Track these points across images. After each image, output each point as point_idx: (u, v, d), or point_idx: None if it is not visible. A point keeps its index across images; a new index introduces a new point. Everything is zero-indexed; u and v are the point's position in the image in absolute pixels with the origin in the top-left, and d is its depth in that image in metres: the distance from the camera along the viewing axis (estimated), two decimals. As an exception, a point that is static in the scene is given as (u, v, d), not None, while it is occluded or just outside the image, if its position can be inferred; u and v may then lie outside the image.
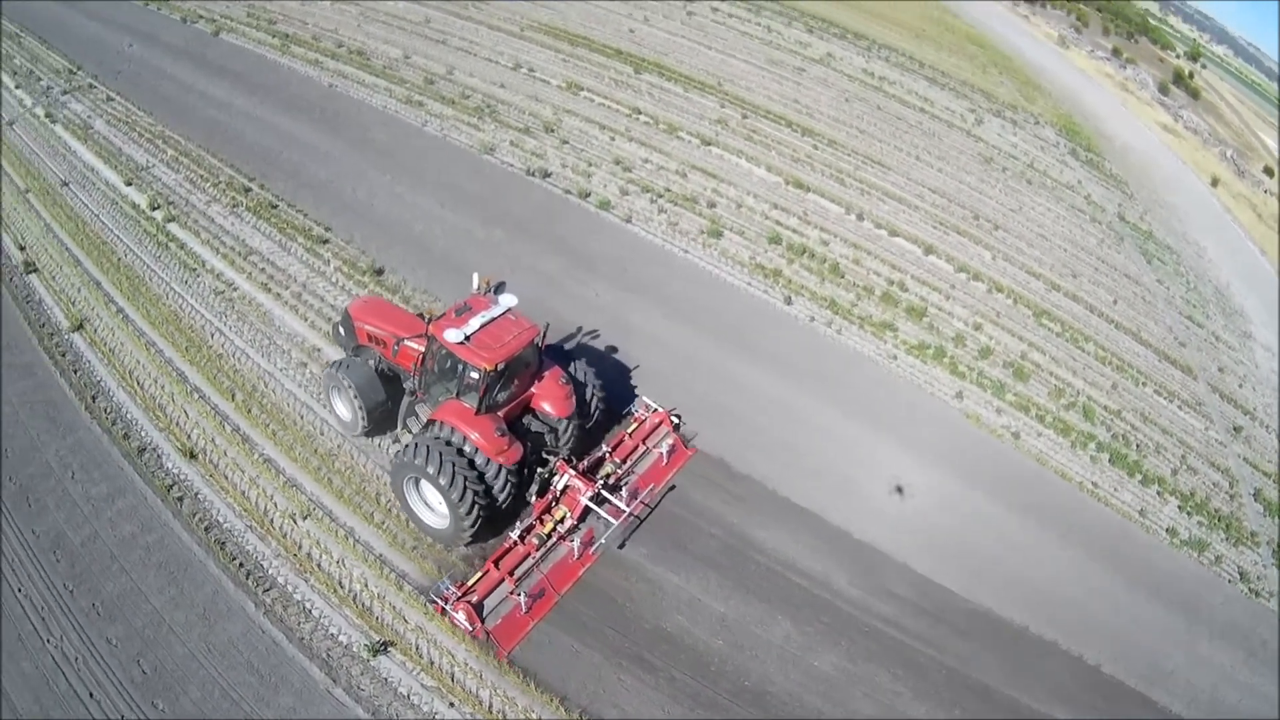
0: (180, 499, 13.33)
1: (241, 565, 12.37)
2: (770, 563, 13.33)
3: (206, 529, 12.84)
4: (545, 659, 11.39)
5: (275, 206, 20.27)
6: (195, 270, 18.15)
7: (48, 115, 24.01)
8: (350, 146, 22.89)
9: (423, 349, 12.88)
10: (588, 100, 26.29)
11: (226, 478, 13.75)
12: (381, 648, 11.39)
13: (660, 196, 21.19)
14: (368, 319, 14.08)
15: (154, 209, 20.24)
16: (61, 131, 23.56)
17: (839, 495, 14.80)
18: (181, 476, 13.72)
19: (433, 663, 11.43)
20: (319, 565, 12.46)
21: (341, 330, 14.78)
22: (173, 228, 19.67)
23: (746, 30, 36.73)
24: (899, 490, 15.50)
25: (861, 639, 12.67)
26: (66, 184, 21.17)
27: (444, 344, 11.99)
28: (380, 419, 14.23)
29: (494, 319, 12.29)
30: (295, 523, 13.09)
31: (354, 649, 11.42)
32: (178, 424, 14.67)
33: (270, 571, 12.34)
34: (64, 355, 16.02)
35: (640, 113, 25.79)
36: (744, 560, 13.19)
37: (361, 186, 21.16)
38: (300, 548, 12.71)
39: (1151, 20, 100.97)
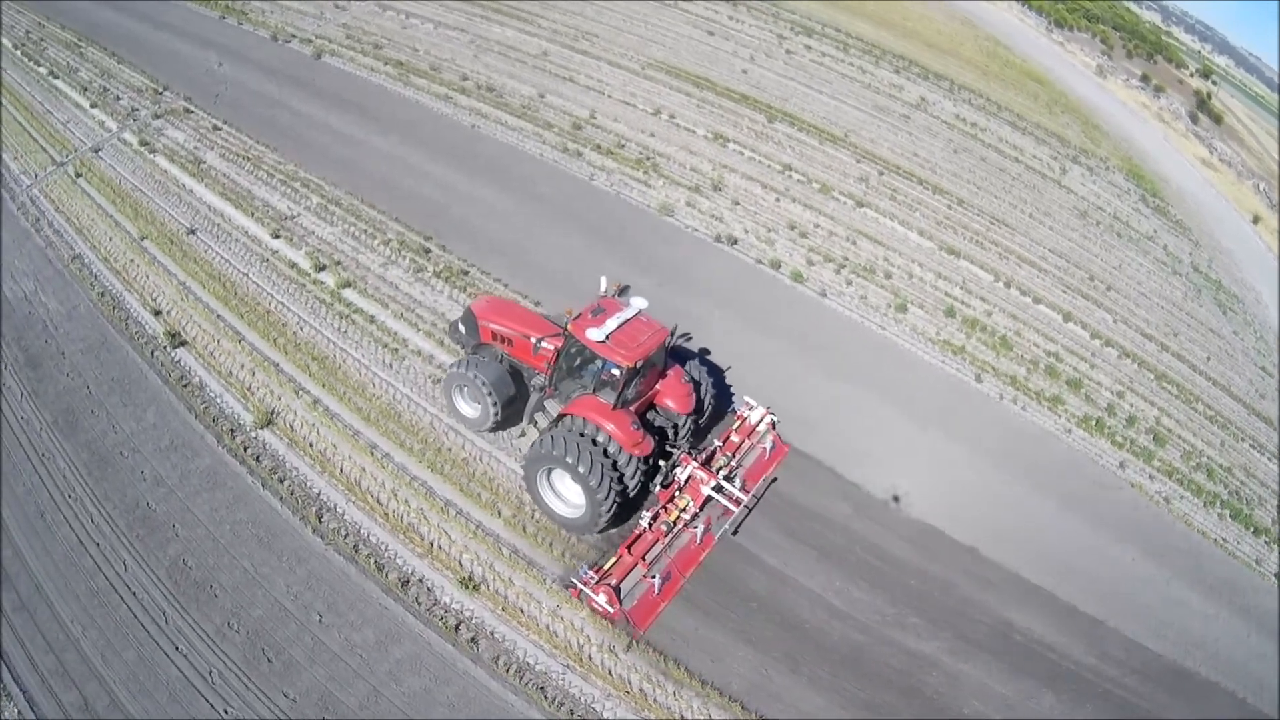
0: (474, 640, 11.83)
1: (572, 711, 11.27)
2: (1026, 641, 14.78)
3: (517, 673, 11.51)
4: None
5: (466, 273, 19.17)
6: (397, 351, 16.50)
7: (143, 143, 22.23)
8: (520, 201, 22.48)
9: (557, 348, 13.54)
10: (737, 153, 27.21)
11: (522, 611, 12.29)
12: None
13: (843, 267, 22.26)
14: (493, 318, 14.53)
15: (320, 270, 18.33)
16: (166, 164, 21.56)
17: (1063, 573, 16.35)
18: (466, 613, 12.14)
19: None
20: (655, 700, 11.64)
21: (462, 328, 14.97)
22: (350, 295, 17.86)
23: (843, 71, 37.79)
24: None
25: (1099, 700, 14.17)
26: (193, 231, 19.19)
27: (586, 342, 12.67)
28: (510, 415, 14.37)
29: (628, 320, 13.05)
30: (616, 656, 11.97)
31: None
32: (441, 548, 12.88)
33: (605, 714, 11.37)
34: (259, 460, 13.79)
35: (791, 169, 26.80)
36: (1009, 642, 14.64)
37: (554, 252, 20.32)
38: (629, 684, 11.74)
39: (1163, 37, 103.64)
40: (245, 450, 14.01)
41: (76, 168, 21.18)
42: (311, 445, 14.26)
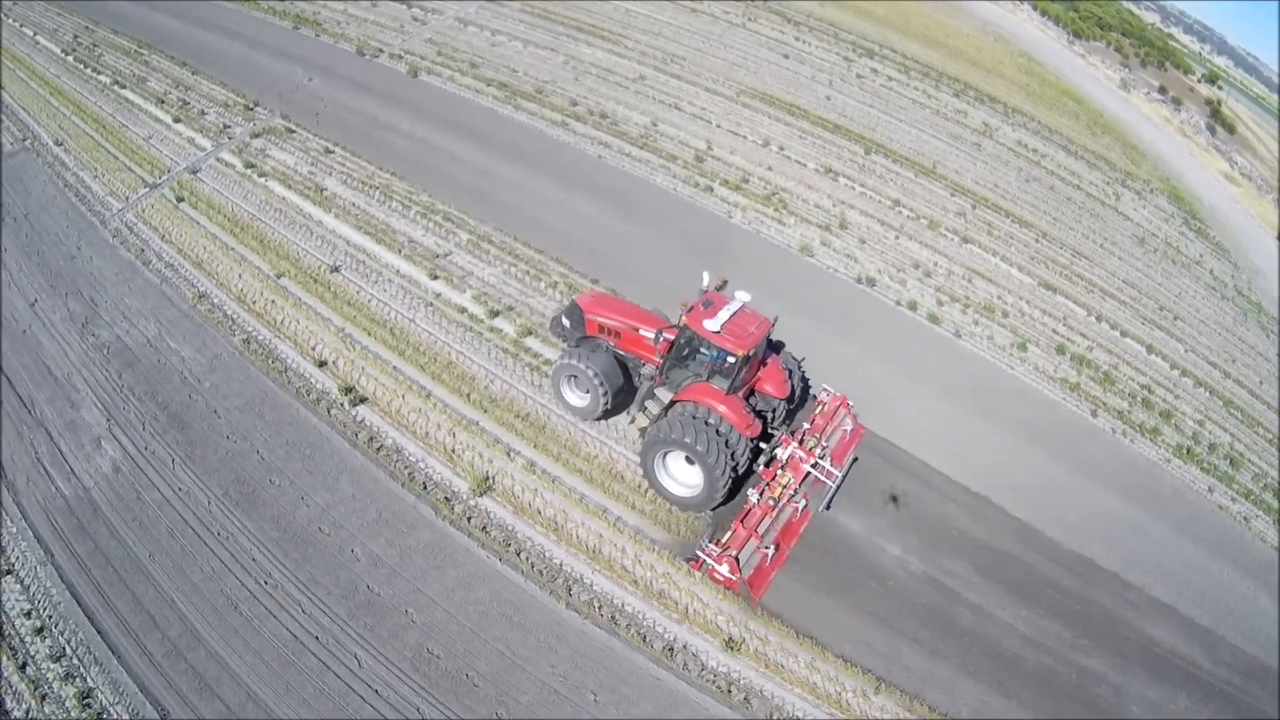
0: (746, 699, 12.11)
1: (846, 756, 11.75)
2: (1164, 652, 17.29)
3: (788, 727, 11.99)
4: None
5: (645, 319, 19.83)
6: (600, 405, 16.48)
7: (248, 165, 21.09)
8: (668, 239, 22.85)
9: (669, 338, 14.80)
10: (849, 188, 29.12)
11: (783, 666, 12.56)
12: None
13: (967, 307, 24.40)
14: (600, 311, 15.59)
15: (494, 316, 17.54)
16: (281, 190, 20.42)
17: (1182, 590, 18.81)
18: (734, 674, 12.35)
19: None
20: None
21: (566, 322, 15.97)
22: (534, 345, 17.29)
23: (911, 97, 39.69)
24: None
25: (1218, 699, 16.56)
26: (337, 269, 18.13)
27: (703, 333, 13.86)
28: (616, 404, 15.23)
29: (736, 312, 14.19)
30: (869, 699, 12.54)
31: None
32: (695, 612, 12.85)
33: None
34: (486, 531, 13.14)
35: (900, 205, 28.77)
36: (1152, 655, 17.11)
37: (716, 295, 21.91)
38: (887, 726, 12.46)
39: (1167, 41, 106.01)
40: (469, 521, 13.15)
41: (175, 191, 19.82)
42: (539, 512, 13.58)
